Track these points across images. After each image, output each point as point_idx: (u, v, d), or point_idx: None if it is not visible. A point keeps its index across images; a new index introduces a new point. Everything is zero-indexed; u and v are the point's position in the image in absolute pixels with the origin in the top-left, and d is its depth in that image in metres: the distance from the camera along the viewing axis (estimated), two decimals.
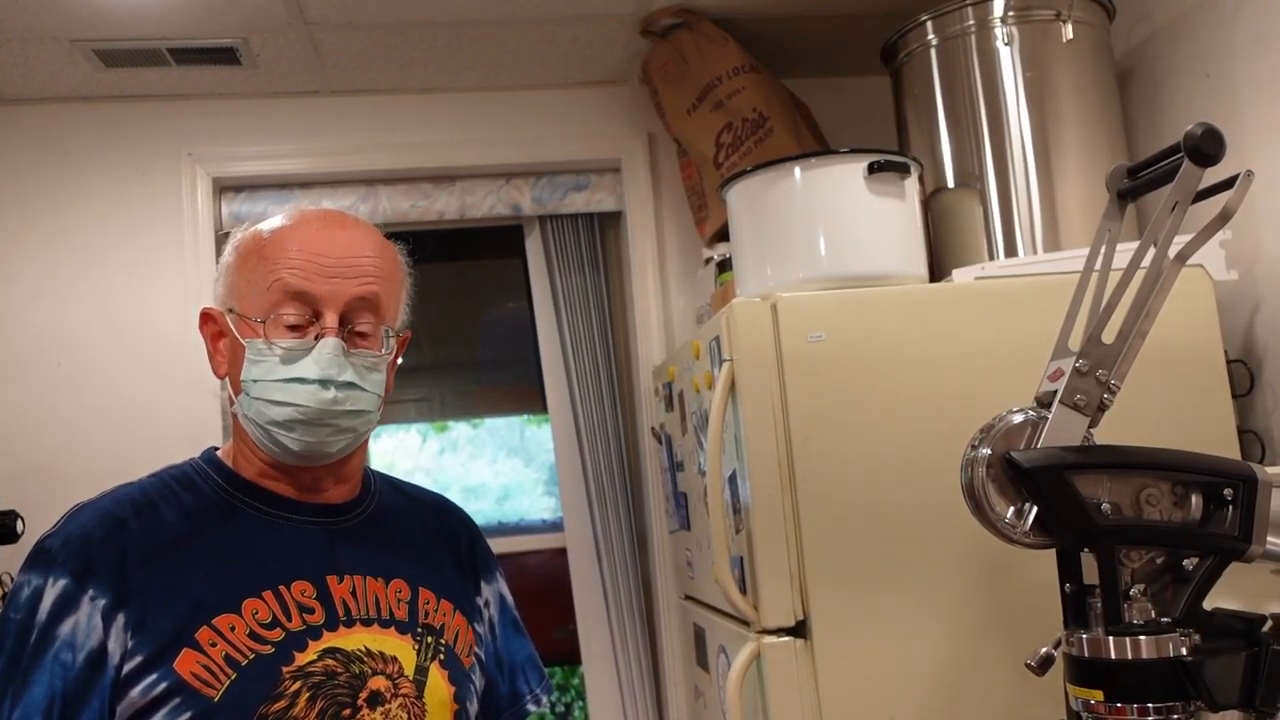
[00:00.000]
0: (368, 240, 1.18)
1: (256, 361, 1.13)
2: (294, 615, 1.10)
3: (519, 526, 3.29)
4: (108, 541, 1.08)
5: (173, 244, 2.70)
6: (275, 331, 1.12)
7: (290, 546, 1.15)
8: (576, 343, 2.90)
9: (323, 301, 1.13)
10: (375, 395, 1.17)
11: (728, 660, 1.89)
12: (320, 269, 1.13)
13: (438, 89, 2.84)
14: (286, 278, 1.12)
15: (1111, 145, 2.12)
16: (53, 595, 1.05)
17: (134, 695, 1.03)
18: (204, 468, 1.19)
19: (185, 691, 1.03)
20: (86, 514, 1.11)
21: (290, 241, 1.14)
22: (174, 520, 1.12)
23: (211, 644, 1.05)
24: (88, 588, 1.05)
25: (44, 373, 2.62)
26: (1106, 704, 1.08)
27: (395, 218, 2.83)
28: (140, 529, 1.10)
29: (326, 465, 1.18)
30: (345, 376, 1.12)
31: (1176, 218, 1.15)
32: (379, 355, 1.16)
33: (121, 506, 1.12)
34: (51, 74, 2.58)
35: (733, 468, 1.82)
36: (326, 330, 1.12)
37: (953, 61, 2.14)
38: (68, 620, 1.04)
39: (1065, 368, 1.16)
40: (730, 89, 2.47)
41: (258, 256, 1.15)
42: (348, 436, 1.16)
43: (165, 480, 1.17)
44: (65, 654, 1.03)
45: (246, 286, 1.15)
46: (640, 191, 2.88)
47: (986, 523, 1.14)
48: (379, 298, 1.16)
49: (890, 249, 1.89)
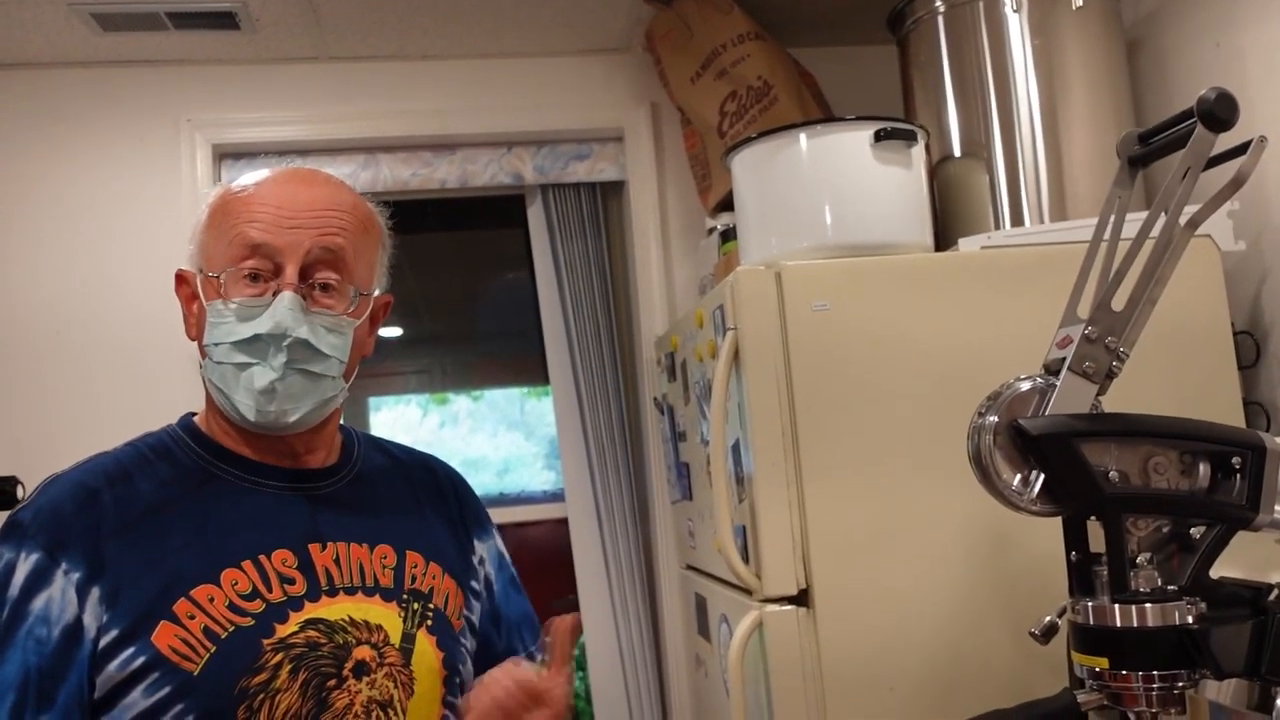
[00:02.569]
0: (336, 194, 1.14)
1: (216, 324, 1.10)
2: (274, 586, 1.08)
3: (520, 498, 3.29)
4: (80, 514, 1.06)
5: (172, 211, 2.68)
6: (234, 288, 1.09)
7: (270, 514, 1.12)
8: (578, 313, 2.89)
9: (282, 253, 1.09)
10: (335, 360, 1.11)
11: (729, 629, 1.89)
12: (281, 220, 1.09)
13: (439, 56, 2.82)
14: (247, 230, 1.09)
15: (1119, 114, 2.10)
16: (25, 570, 1.03)
17: (111, 669, 1.02)
18: (180, 435, 1.17)
19: (164, 665, 1.01)
20: (59, 486, 1.09)
21: (254, 196, 1.12)
22: (149, 490, 1.10)
23: (190, 616, 1.03)
24: (60, 561, 1.03)
25: (43, 340, 2.61)
26: (1112, 671, 1.07)
27: (396, 186, 2.81)
28: (114, 500, 1.08)
29: (299, 433, 1.14)
30: (300, 333, 1.08)
31: (1188, 184, 1.14)
32: (338, 316, 1.11)
33: (95, 477, 1.09)
34: (49, 38, 2.55)
35: (736, 437, 1.81)
36: (285, 284, 1.08)
37: (960, 29, 2.12)
38: (40, 595, 1.02)
39: (1074, 335, 1.15)
40: (734, 57, 2.44)
41: (223, 213, 1.13)
42: (307, 404, 1.11)
43: (140, 449, 1.15)
44: (40, 629, 1.01)
45: (213, 244, 1.12)
46: (643, 160, 2.86)
47: (993, 490, 1.14)
48: (344, 251, 1.11)
49: (896, 218, 1.88)
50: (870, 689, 1.69)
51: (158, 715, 1.01)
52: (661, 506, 2.76)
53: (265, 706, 1.04)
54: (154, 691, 1.01)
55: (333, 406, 1.15)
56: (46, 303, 2.62)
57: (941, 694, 1.69)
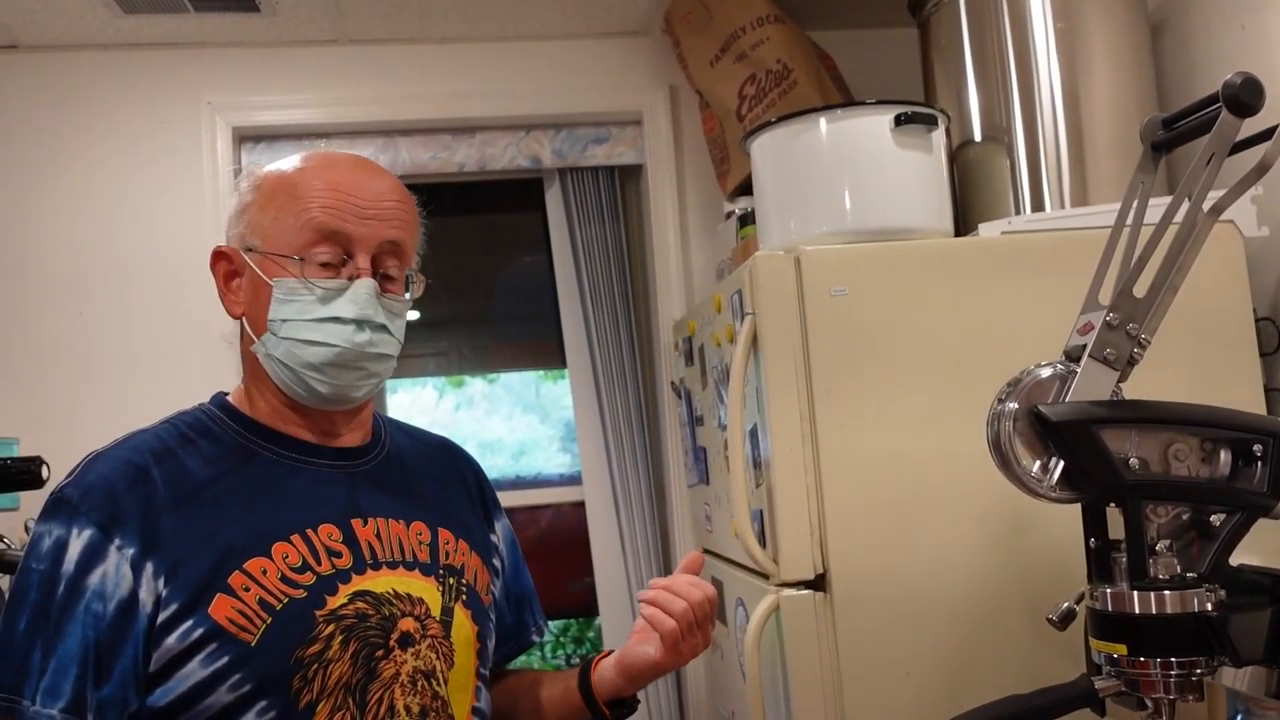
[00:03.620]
0: (394, 185, 1.19)
1: (287, 301, 1.12)
2: (323, 559, 1.11)
3: (536, 481, 3.30)
4: (132, 490, 1.07)
5: (193, 193, 2.70)
6: (310, 270, 1.12)
7: (312, 491, 1.15)
8: (596, 296, 2.89)
9: (356, 243, 1.13)
10: (399, 341, 1.18)
11: (746, 614, 1.90)
12: (354, 209, 1.13)
13: (457, 39, 2.81)
14: (321, 216, 1.12)
15: (1142, 98, 2.08)
16: (79, 546, 1.04)
17: (170, 642, 1.03)
18: (217, 413, 1.19)
19: (222, 637, 1.04)
20: (105, 463, 1.10)
21: (322, 180, 1.14)
22: (195, 467, 1.12)
23: (244, 589, 1.06)
24: (114, 537, 1.05)
25: (66, 319, 2.64)
26: (1130, 658, 1.07)
27: (414, 169, 2.82)
28: (163, 477, 1.10)
29: (345, 410, 1.19)
30: (380, 319, 1.14)
31: (1213, 170, 1.13)
32: (405, 301, 1.18)
33: (141, 454, 1.11)
34: (71, 20, 2.56)
35: (753, 422, 1.81)
36: (360, 271, 1.13)
37: (982, 12, 2.10)
38: (96, 570, 1.04)
39: (1095, 321, 1.15)
40: (754, 40, 2.43)
41: (286, 194, 1.14)
42: (373, 380, 1.17)
43: (179, 427, 1.17)
44: (96, 604, 1.03)
45: (272, 224, 1.14)
46: (661, 144, 2.85)
47: (1012, 477, 1.14)
48: (405, 243, 1.18)
49: (916, 203, 1.87)
50: (887, 674, 1.69)
51: (216, 684, 1.03)
52: (678, 490, 2.77)
53: (319, 676, 1.06)
54: (212, 662, 1.03)
55: (383, 382, 1.21)
56: (69, 283, 2.65)
57: (958, 679, 1.70)
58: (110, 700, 1.03)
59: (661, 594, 1.19)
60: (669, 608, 1.17)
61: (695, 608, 1.18)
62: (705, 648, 1.22)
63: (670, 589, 1.19)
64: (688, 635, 1.18)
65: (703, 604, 1.19)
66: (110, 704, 1.03)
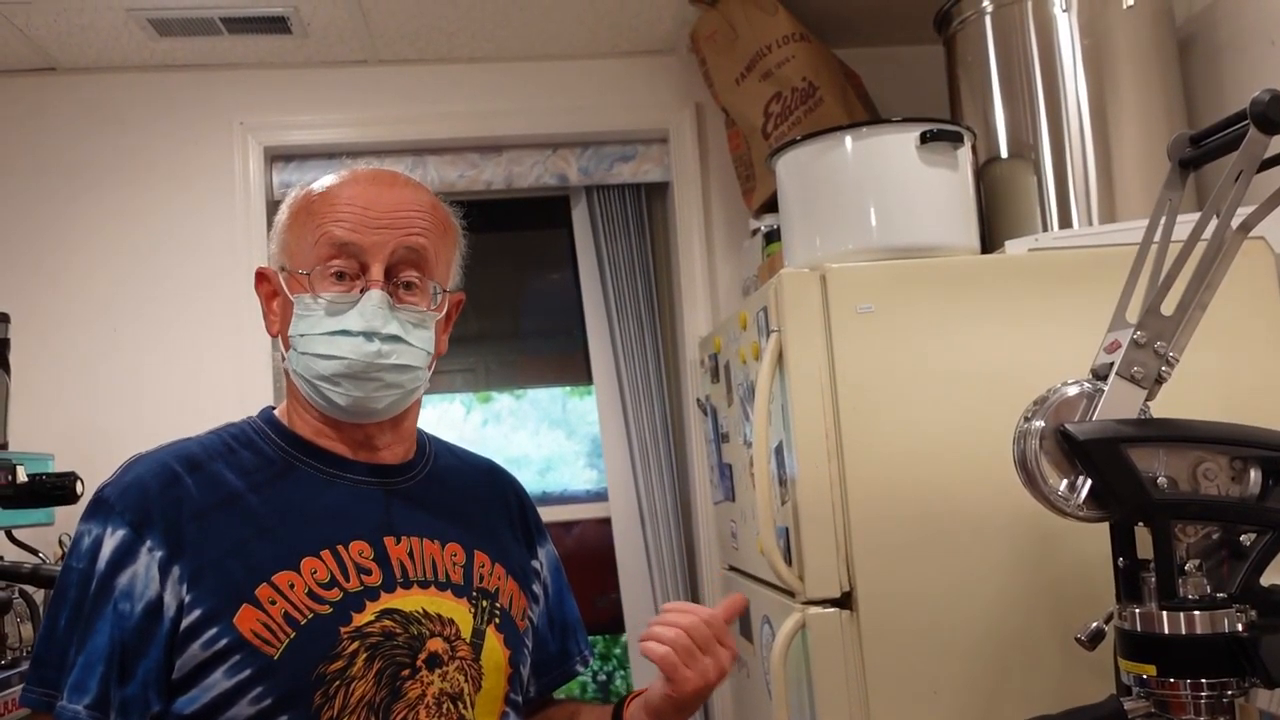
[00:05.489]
0: (417, 195, 1.18)
1: (304, 316, 1.14)
2: (352, 575, 1.10)
3: (562, 497, 3.31)
4: (164, 494, 1.09)
5: (225, 212, 2.74)
6: (321, 284, 1.13)
7: (347, 506, 1.15)
8: (622, 313, 2.90)
9: (368, 253, 1.12)
10: (422, 351, 1.16)
11: (772, 631, 1.89)
12: (367, 220, 1.13)
13: (485, 58, 2.84)
14: (333, 230, 1.12)
15: (1171, 115, 2.07)
16: (112, 544, 1.06)
17: (195, 648, 1.04)
18: (262, 426, 1.20)
19: (246, 649, 1.04)
20: (143, 465, 1.12)
21: (339, 196, 1.15)
22: (231, 477, 1.13)
23: (271, 602, 1.06)
24: (145, 538, 1.06)
25: (101, 338, 2.68)
26: (1159, 679, 1.07)
27: (443, 187, 2.84)
28: (196, 484, 1.11)
29: (379, 423, 1.18)
30: (389, 329, 1.12)
31: (1241, 187, 1.13)
32: (424, 311, 1.16)
33: (178, 460, 1.12)
34: (106, 43, 2.61)
35: (779, 439, 1.81)
36: (371, 283, 1.12)
37: (1008, 28, 2.10)
38: (126, 570, 1.05)
39: (1122, 339, 1.15)
40: (779, 58, 2.44)
41: (307, 213, 1.16)
42: (394, 393, 1.15)
43: (223, 437, 1.18)
44: (124, 604, 1.04)
45: (296, 243, 1.16)
46: (687, 162, 2.86)
47: (1039, 495, 1.13)
48: (426, 250, 1.16)
49: (942, 220, 1.87)
50: (914, 692, 1.68)
51: (238, 696, 1.04)
52: (704, 507, 2.76)
53: (341, 693, 1.06)
54: (235, 673, 1.04)
55: (415, 397, 1.19)
56: (103, 302, 2.69)
57: (986, 699, 1.68)
58: (133, 699, 1.04)
59: (655, 627, 1.16)
60: (660, 637, 1.15)
61: (690, 630, 1.15)
62: (720, 675, 1.17)
63: (663, 620, 1.16)
64: (688, 661, 1.14)
65: (697, 626, 1.15)
66: (133, 703, 1.04)
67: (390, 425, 1.20)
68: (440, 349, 1.22)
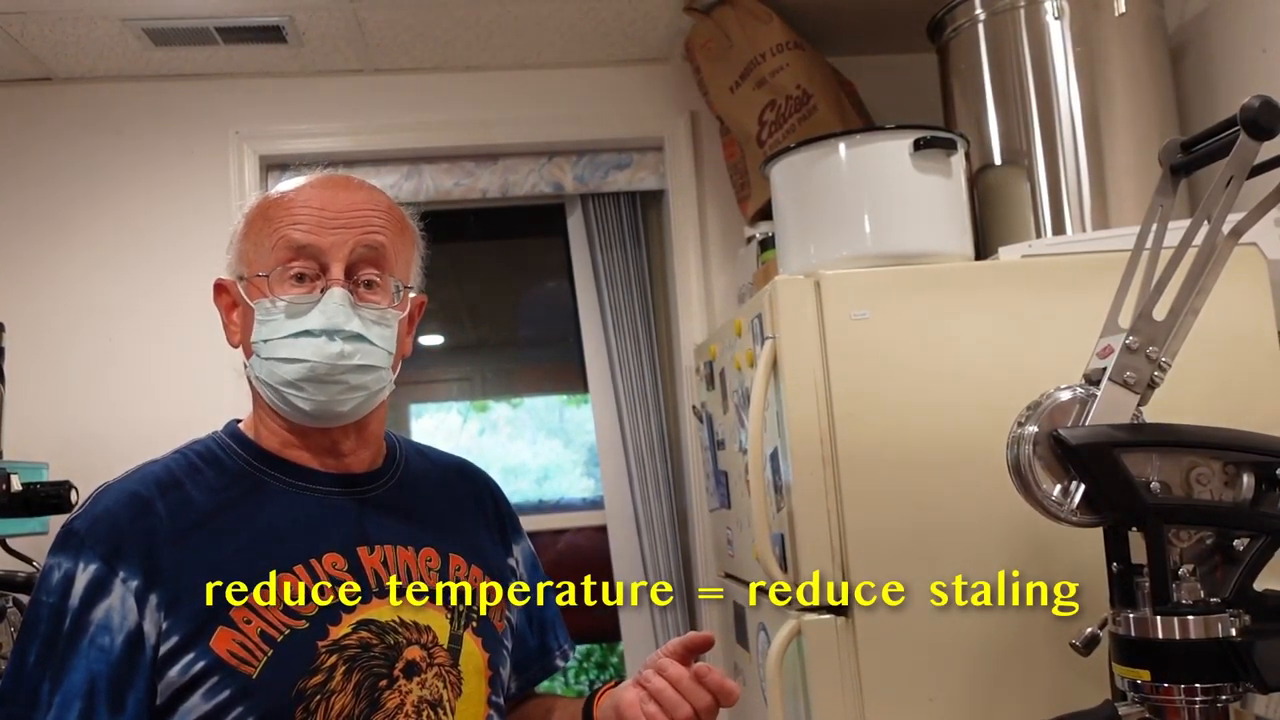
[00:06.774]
0: (372, 196, 1.18)
1: (265, 321, 1.13)
2: (326, 589, 1.09)
3: (559, 505, 3.31)
4: (135, 522, 1.08)
5: (220, 221, 2.70)
6: (281, 287, 1.12)
7: (318, 518, 1.14)
8: (618, 321, 2.90)
9: (327, 253, 1.12)
10: (384, 351, 1.15)
11: (768, 638, 1.89)
12: (324, 221, 1.12)
13: (480, 67, 2.85)
14: (290, 233, 1.12)
15: (1163, 122, 2.08)
16: (84, 579, 1.04)
17: (173, 675, 1.03)
18: (227, 441, 1.19)
19: (223, 670, 1.03)
20: (111, 495, 1.11)
21: (294, 200, 1.15)
22: (200, 498, 1.12)
23: (246, 621, 1.05)
24: (118, 570, 1.05)
25: (96, 347, 2.67)
26: (1154, 684, 1.07)
27: (438, 196, 2.85)
28: (167, 508, 1.10)
29: (344, 427, 1.16)
30: (352, 327, 1.11)
31: (1231, 193, 1.13)
32: (386, 309, 1.15)
33: (147, 486, 1.11)
34: (102, 53, 2.62)
35: (774, 446, 1.81)
36: (332, 281, 1.11)
37: (1001, 36, 2.11)
38: (101, 604, 1.04)
39: (1115, 345, 1.15)
40: (774, 66, 2.45)
41: (263, 219, 1.15)
42: (359, 395, 1.13)
43: (189, 456, 1.17)
44: (102, 638, 1.03)
45: (253, 250, 1.15)
46: (682, 170, 2.87)
47: (1033, 501, 1.13)
48: (385, 248, 1.15)
49: (936, 226, 1.88)
50: (909, 699, 1.68)
51: (219, 718, 1.03)
52: (700, 514, 2.76)
53: (321, 708, 1.06)
54: (214, 695, 1.03)
55: (380, 399, 1.18)
56: (98, 310, 2.68)
57: (981, 705, 1.68)
58: None
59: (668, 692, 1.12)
60: (673, 714, 1.12)
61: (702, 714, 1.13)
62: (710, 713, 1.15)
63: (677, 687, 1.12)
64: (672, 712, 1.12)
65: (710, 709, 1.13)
66: None
67: (355, 430, 1.18)
68: (405, 350, 1.21)
